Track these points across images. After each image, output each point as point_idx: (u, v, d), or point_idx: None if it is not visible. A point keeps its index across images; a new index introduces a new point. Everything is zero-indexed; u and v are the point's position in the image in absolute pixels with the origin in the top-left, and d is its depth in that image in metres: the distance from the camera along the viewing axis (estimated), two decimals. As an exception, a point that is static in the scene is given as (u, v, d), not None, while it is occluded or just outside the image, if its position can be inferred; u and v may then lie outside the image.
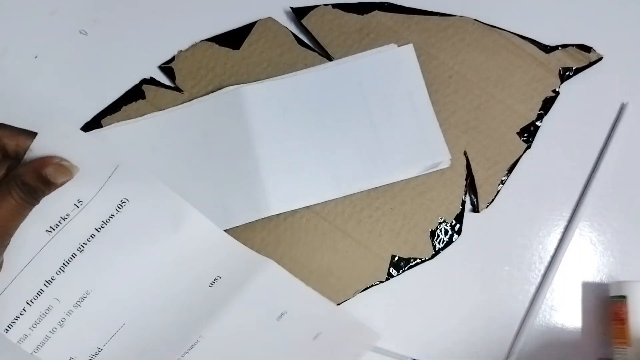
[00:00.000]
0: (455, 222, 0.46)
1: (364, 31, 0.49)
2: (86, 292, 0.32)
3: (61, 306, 0.31)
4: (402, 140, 0.46)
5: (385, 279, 0.45)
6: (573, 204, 0.47)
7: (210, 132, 0.46)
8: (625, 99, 0.49)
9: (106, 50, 0.50)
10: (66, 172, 0.29)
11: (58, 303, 0.31)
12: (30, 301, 0.31)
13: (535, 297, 0.46)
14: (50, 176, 0.28)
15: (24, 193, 0.28)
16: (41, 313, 0.31)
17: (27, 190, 0.28)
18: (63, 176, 0.29)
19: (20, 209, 0.28)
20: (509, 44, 0.49)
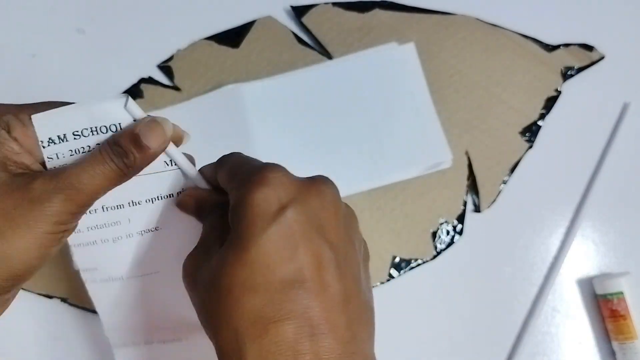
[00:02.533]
0: (456, 223, 0.46)
1: (364, 29, 0.49)
2: (156, 227, 0.30)
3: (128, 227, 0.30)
4: (403, 139, 0.46)
5: (386, 280, 0.45)
6: (575, 204, 0.47)
7: (209, 131, 0.46)
8: (627, 98, 0.49)
9: (104, 49, 0.50)
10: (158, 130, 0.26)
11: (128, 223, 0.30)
12: (107, 208, 0.29)
13: (537, 297, 0.45)
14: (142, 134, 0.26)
15: (115, 156, 0.26)
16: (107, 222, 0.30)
17: (118, 153, 0.26)
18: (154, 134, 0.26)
19: (110, 174, 0.26)
20: (511, 42, 0.49)
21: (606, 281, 0.44)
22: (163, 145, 0.27)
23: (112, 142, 0.26)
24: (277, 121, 0.46)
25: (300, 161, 0.45)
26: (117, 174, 0.26)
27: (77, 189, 0.25)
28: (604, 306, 0.44)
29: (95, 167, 0.25)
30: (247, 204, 0.22)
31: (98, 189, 0.25)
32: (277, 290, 0.21)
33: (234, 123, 0.46)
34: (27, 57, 0.49)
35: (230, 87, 0.47)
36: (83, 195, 0.25)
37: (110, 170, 0.26)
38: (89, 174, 0.25)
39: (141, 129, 0.26)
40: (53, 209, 0.24)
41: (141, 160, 0.26)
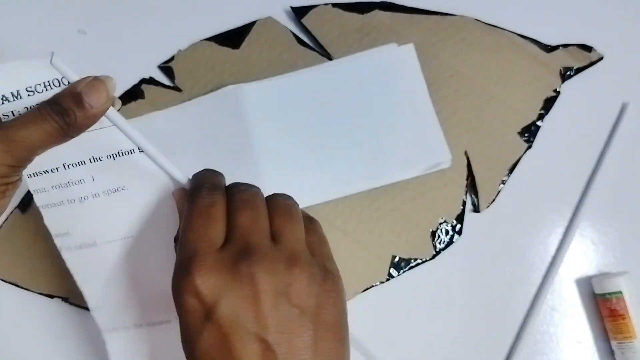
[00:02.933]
0: (456, 223, 0.46)
1: (364, 30, 0.49)
2: (122, 187, 0.30)
3: (92, 186, 0.29)
4: (403, 140, 0.46)
5: (386, 279, 0.45)
6: (574, 204, 0.47)
7: (209, 131, 0.46)
8: (626, 98, 0.49)
9: (105, 49, 0.50)
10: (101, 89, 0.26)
11: (92, 181, 0.29)
12: (68, 165, 0.29)
13: (536, 297, 0.45)
14: (84, 93, 0.26)
15: (55, 114, 0.26)
16: (71, 180, 0.29)
17: (58, 111, 0.26)
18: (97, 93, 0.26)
19: (51, 132, 0.26)
20: (510, 43, 0.49)
21: (605, 280, 0.44)
22: (106, 104, 0.27)
23: (52, 101, 0.26)
24: (278, 122, 0.46)
25: (300, 161, 0.46)
26: (57, 132, 0.26)
27: (15, 142, 0.25)
28: (603, 306, 0.44)
29: (35, 123, 0.25)
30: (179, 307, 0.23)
31: (36, 143, 0.26)
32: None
33: (234, 124, 0.46)
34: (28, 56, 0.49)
35: (230, 88, 0.47)
36: (21, 148, 0.25)
37: (50, 127, 0.26)
38: (28, 129, 0.25)
39: (83, 87, 0.26)
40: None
41: (82, 120, 0.26)
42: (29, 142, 0.25)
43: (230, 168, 0.45)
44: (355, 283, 0.45)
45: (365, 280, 0.45)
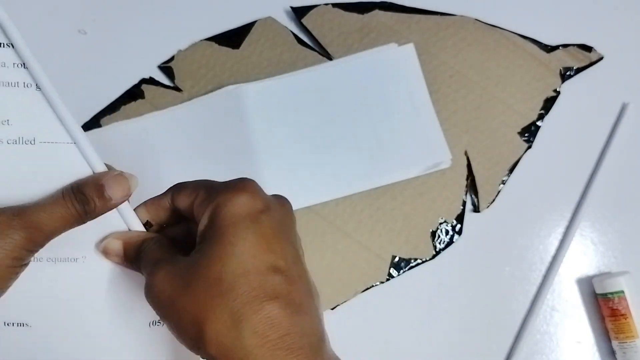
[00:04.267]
0: (456, 223, 0.46)
1: (364, 30, 0.49)
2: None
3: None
4: (403, 140, 0.46)
5: (386, 279, 0.45)
6: (574, 204, 0.47)
7: (209, 131, 0.46)
8: (626, 98, 0.49)
9: (105, 49, 0.50)
10: (124, 185, 0.28)
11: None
12: None
13: (536, 297, 0.45)
14: (107, 186, 0.27)
15: (77, 202, 0.27)
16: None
17: (80, 200, 0.27)
18: (119, 188, 0.27)
19: (68, 218, 0.27)
20: (510, 43, 0.49)
21: (606, 280, 0.44)
22: (125, 198, 0.28)
23: (76, 189, 0.27)
24: (278, 121, 0.46)
25: (300, 161, 0.46)
26: (75, 219, 0.27)
27: (38, 229, 0.26)
28: (604, 305, 0.44)
29: (57, 210, 0.26)
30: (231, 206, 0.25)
31: (56, 230, 0.27)
32: (264, 274, 0.24)
33: (234, 123, 0.46)
34: (28, 57, 0.49)
35: (230, 88, 0.47)
36: (42, 234, 0.26)
37: (69, 214, 0.27)
38: (50, 216, 0.26)
39: (107, 180, 0.27)
40: (13, 244, 0.25)
41: (100, 209, 0.27)
42: (49, 229, 0.26)
43: (230, 168, 0.45)
44: (355, 283, 0.45)
45: (366, 280, 0.45)
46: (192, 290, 0.24)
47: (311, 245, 0.45)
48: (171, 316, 0.25)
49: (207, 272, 0.24)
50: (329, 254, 0.45)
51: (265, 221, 0.25)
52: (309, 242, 0.45)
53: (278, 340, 0.23)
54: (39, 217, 0.26)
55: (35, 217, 0.26)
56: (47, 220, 0.26)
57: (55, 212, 0.26)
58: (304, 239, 0.45)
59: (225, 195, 0.26)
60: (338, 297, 0.44)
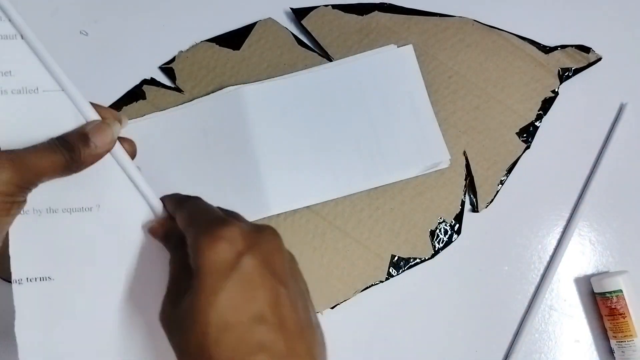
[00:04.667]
0: (454, 222, 0.46)
1: (363, 32, 0.49)
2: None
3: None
4: (402, 140, 0.46)
5: (385, 278, 0.45)
6: (572, 203, 0.47)
7: (210, 132, 0.47)
8: (624, 99, 0.49)
9: (107, 50, 0.50)
10: (106, 131, 0.29)
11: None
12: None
13: (535, 296, 0.46)
14: (90, 133, 0.29)
15: (64, 148, 0.28)
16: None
17: (65, 146, 0.28)
18: (102, 135, 0.29)
19: (57, 163, 0.28)
20: (508, 44, 0.49)
21: (605, 279, 0.44)
22: (109, 145, 0.30)
23: (62, 137, 0.29)
24: (278, 122, 0.47)
25: (300, 161, 0.46)
26: (62, 164, 0.28)
27: (25, 165, 0.27)
28: (603, 304, 0.44)
29: (44, 153, 0.28)
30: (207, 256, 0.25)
31: (43, 170, 0.28)
32: (247, 327, 0.24)
33: (235, 124, 0.46)
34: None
35: (231, 89, 0.47)
36: (29, 171, 0.27)
37: (57, 158, 0.28)
38: (37, 156, 0.28)
39: (91, 129, 0.29)
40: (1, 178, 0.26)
41: (86, 157, 0.29)
42: (36, 168, 0.27)
43: (230, 168, 0.46)
44: (355, 282, 0.45)
45: (365, 279, 0.45)
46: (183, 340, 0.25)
47: (311, 245, 0.45)
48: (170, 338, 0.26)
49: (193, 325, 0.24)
50: (329, 254, 0.45)
51: (246, 265, 0.25)
52: (309, 242, 0.45)
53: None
54: (27, 157, 0.27)
55: (23, 156, 0.27)
56: (34, 160, 0.27)
57: (42, 155, 0.28)
58: (304, 238, 0.45)
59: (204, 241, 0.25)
60: (338, 296, 0.44)
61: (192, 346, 0.24)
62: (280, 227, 0.45)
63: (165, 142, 0.47)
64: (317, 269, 0.45)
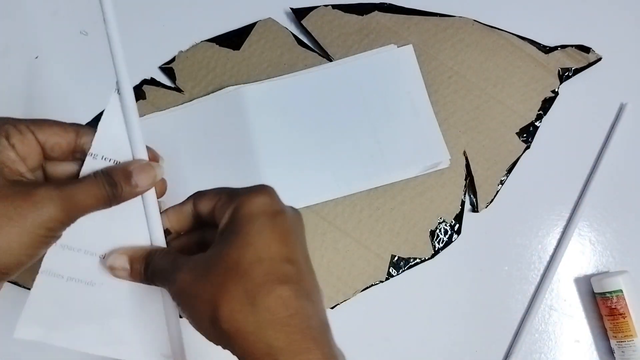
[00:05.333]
0: (454, 222, 0.46)
1: (363, 32, 0.49)
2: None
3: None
4: (402, 140, 0.46)
5: (385, 278, 0.45)
6: (572, 204, 0.48)
7: (210, 132, 0.47)
8: (624, 99, 0.49)
9: (107, 50, 0.50)
10: (150, 173, 0.30)
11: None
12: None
13: (535, 296, 0.46)
14: (134, 173, 0.29)
15: (107, 184, 0.29)
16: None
17: (110, 182, 0.29)
18: (145, 175, 0.30)
19: (100, 198, 0.29)
20: (509, 44, 0.49)
21: (605, 279, 0.44)
22: (150, 186, 0.31)
23: (106, 173, 0.29)
24: (278, 122, 0.47)
25: (300, 161, 0.46)
26: (104, 200, 0.29)
27: (71, 202, 0.28)
28: (603, 304, 0.44)
29: (90, 189, 0.29)
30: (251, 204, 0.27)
31: (88, 207, 0.29)
32: (278, 262, 0.26)
33: (235, 124, 0.46)
34: (30, 58, 0.50)
35: (231, 89, 0.47)
36: (75, 208, 0.28)
37: (100, 194, 0.29)
38: (85, 193, 0.28)
39: (135, 168, 0.30)
40: (50, 215, 0.27)
41: (127, 194, 0.30)
42: (82, 206, 0.28)
43: (230, 168, 0.46)
44: (355, 282, 0.45)
45: (365, 279, 0.45)
46: (210, 275, 0.26)
47: (311, 244, 0.45)
48: (189, 300, 0.27)
49: (225, 259, 0.26)
50: (329, 254, 0.45)
51: (281, 220, 0.28)
52: (309, 242, 0.45)
53: (287, 318, 0.25)
54: (75, 193, 0.28)
55: (72, 192, 0.28)
56: (82, 196, 0.28)
57: (89, 191, 0.28)
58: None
59: (246, 196, 0.28)
60: (338, 296, 0.44)
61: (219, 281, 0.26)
62: (280, 227, 0.45)
63: (165, 142, 0.46)
64: (317, 269, 0.44)
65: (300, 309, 0.25)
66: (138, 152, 0.31)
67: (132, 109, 0.32)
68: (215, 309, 0.25)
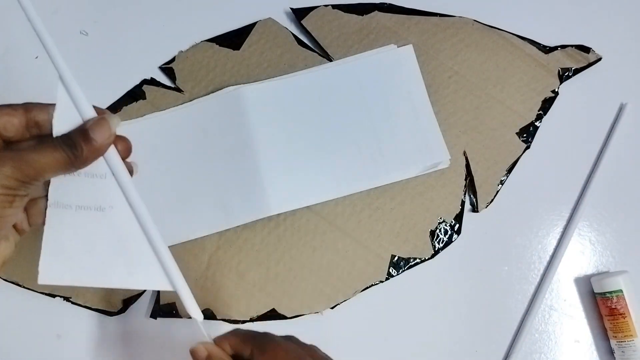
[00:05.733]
0: (454, 222, 0.46)
1: (363, 32, 0.49)
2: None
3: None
4: (402, 140, 0.46)
5: (385, 278, 0.45)
6: (572, 204, 0.48)
7: (210, 132, 0.47)
8: (624, 99, 0.49)
9: (107, 50, 0.50)
10: (105, 126, 0.30)
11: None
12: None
13: (535, 296, 0.46)
14: (90, 129, 0.30)
15: (65, 146, 0.29)
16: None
17: (67, 144, 0.29)
18: (101, 129, 0.30)
19: (59, 160, 0.29)
20: (509, 44, 0.49)
21: (605, 279, 0.44)
22: (108, 139, 0.31)
23: (65, 135, 0.30)
24: (278, 122, 0.47)
25: (300, 161, 0.46)
26: (65, 161, 0.30)
27: (26, 162, 0.29)
28: (603, 304, 0.44)
29: (46, 150, 0.29)
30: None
31: (44, 167, 0.29)
32: None
33: (235, 124, 0.46)
34: (30, 58, 0.50)
35: (231, 89, 0.47)
36: (30, 168, 0.29)
37: (59, 155, 0.29)
38: (39, 154, 0.29)
39: (90, 124, 0.30)
40: (4, 172, 0.28)
41: (87, 153, 0.30)
42: (38, 165, 0.29)
43: (230, 168, 0.46)
44: (355, 282, 0.45)
45: (365, 279, 0.45)
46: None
47: (311, 245, 0.45)
48: None
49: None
50: (329, 254, 0.45)
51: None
52: (309, 242, 0.45)
53: None
54: (28, 154, 0.29)
55: (24, 154, 0.29)
56: (36, 157, 0.29)
57: (45, 152, 0.29)
58: (304, 238, 0.45)
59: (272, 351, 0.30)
60: (338, 296, 0.44)
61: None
62: (280, 227, 0.46)
63: (165, 142, 0.47)
64: (317, 269, 0.45)
65: None
66: (86, 112, 0.31)
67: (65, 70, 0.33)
68: None
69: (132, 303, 0.44)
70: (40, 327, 0.45)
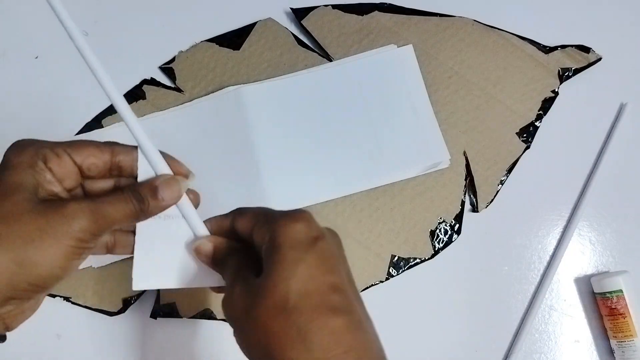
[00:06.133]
0: (454, 222, 0.46)
1: (363, 32, 0.49)
2: None
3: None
4: (402, 140, 0.46)
5: (385, 278, 0.45)
6: (572, 203, 0.48)
7: (210, 132, 0.47)
8: (624, 99, 0.49)
9: (107, 50, 0.50)
10: (175, 187, 0.31)
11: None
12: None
13: (535, 296, 0.46)
14: (160, 188, 0.31)
15: (135, 199, 0.30)
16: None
17: (136, 198, 0.30)
18: (170, 190, 0.31)
19: (128, 212, 0.30)
20: (509, 44, 0.49)
21: (605, 279, 0.44)
22: (176, 200, 0.32)
23: (133, 188, 0.31)
24: (278, 122, 0.47)
25: (300, 161, 0.46)
26: (132, 213, 0.31)
27: (102, 216, 0.29)
28: (603, 304, 0.44)
29: (118, 203, 0.30)
30: (290, 232, 0.28)
31: (116, 220, 0.30)
32: (325, 293, 0.26)
33: (235, 124, 0.46)
34: (30, 58, 0.50)
35: (231, 89, 0.47)
36: (104, 221, 0.29)
37: (128, 209, 0.30)
38: (112, 207, 0.30)
39: (160, 183, 0.31)
40: (80, 226, 0.28)
41: (154, 208, 0.31)
42: (111, 219, 0.30)
43: (230, 168, 0.46)
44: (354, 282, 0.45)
45: (365, 279, 0.45)
46: (261, 308, 0.26)
47: (311, 244, 0.45)
48: (241, 331, 0.28)
49: (273, 293, 0.26)
50: (329, 254, 0.45)
51: (321, 246, 0.28)
52: (308, 242, 0.45)
53: (343, 355, 0.25)
54: (104, 207, 0.30)
55: (102, 207, 0.29)
56: (110, 210, 0.30)
57: (117, 205, 0.30)
58: (304, 238, 0.45)
59: (284, 222, 0.28)
60: (338, 296, 0.44)
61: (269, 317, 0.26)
62: (280, 227, 0.45)
63: (165, 142, 0.46)
64: (317, 269, 0.45)
65: (355, 344, 0.25)
66: (159, 169, 0.32)
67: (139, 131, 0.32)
68: (267, 345, 0.26)
69: (132, 303, 0.44)
70: (40, 327, 0.45)
